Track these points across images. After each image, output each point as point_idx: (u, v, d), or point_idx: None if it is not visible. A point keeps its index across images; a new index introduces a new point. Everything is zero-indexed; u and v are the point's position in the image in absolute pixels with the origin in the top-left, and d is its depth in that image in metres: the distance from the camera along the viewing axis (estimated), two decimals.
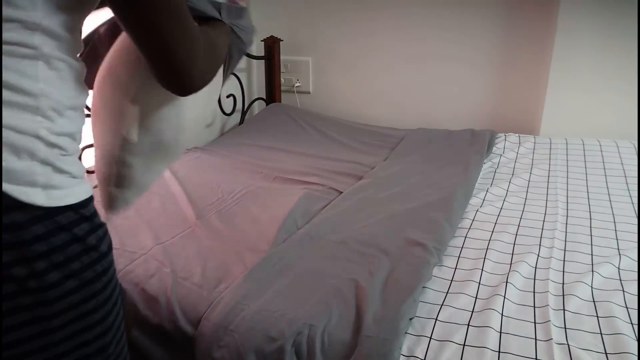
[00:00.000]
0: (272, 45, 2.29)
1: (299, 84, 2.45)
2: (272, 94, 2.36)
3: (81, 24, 0.61)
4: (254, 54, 2.34)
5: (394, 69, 2.30)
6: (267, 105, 2.38)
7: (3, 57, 0.50)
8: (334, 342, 0.84)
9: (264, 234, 1.21)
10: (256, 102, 2.44)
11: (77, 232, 0.56)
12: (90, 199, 0.59)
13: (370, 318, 0.86)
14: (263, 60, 2.33)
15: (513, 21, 2.08)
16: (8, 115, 0.50)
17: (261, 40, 2.32)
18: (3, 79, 0.50)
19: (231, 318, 0.90)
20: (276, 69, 2.33)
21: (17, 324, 0.53)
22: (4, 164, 0.50)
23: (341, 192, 1.46)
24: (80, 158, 0.66)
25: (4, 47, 0.50)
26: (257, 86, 2.51)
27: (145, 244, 1.18)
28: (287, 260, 1.08)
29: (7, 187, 0.50)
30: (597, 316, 0.90)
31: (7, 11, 0.49)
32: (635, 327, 0.86)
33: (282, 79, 2.42)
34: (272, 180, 1.56)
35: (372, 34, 2.28)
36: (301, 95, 2.48)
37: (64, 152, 0.56)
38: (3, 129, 0.50)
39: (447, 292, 0.98)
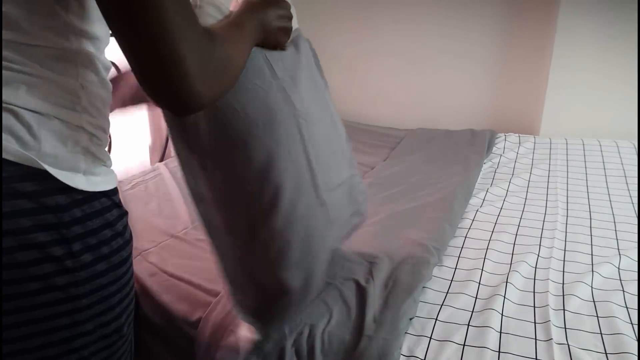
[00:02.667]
0: None
1: None
2: None
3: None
4: None
5: (394, 69, 2.30)
6: None
7: (47, 55, 0.55)
8: (334, 342, 0.83)
9: None
10: None
11: (109, 217, 0.61)
12: (117, 189, 0.64)
13: (370, 318, 0.86)
14: None
15: (513, 21, 2.08)
16: (55, 107, 0.56)
17: None
18: (50, 76, 0.55)
19: (231, 318, 0.90)
20: None
21: (50, 301, 0.56)
22: (53, 150, 0.55)
23: None
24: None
25: (47, 48, 0.55)
26: None
27: (143, 244, 1.18)
28: None
29: (54, 172, 0.54)
30: (597, 316, 0.90)
31: (46, 17, 0.54)
32: (635, 327, 0.86)
33: None
34: None
35: (372, 35, 2.28)
36: None
37: (100, 143, 0.62)
38: (53, 118, 0.55)
39: (447, 292, 0.98)
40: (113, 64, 0.84)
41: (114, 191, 0.63)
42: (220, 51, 0.55)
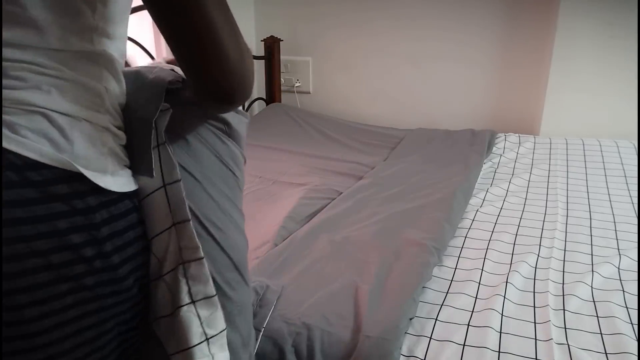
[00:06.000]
0: (272, 45, 2.29)
1: (299, 84, 2.45)
2: (272, 94, 2.36)
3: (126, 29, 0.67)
4: (254, 53, 2.34)
5: (394, 69, 2.30)
6: (267, 105, 2.38)
7: (74, 59, 0.57)
8: (334, 342, 0.83)
9: (264, 234, 1.21)
10: (256, 102, 2.44)
11: (131, 219, 0.61)
12: (137, 191, 0.64)
13: (370, 318, 0.86)
14: (263, 60, 2.33)
15: (513, 21, 2.08)
16: (84, 110, 0.57)
17: (261, 40, 2.32)
18: (77, 79, 0.57)
19: None
20: (276, 69, 2.33)
21: (79, 301, 0.56)
22: (85, 151, 0.56)
23: (341, 192, 1.46)
24: None
25: (74, 52, 0.57)
26: (257, 86, 2.51)
27: None
28: (286, 261, 1.08)
29: (87, 173, 0.54)
30: (597, 316, 0.90)
31: (74, 19, 0.56)
32: (635, 327, 0.86)
33: (282, 79, 2.42)
34: (271, 184, 1.56)
35: (372, 34, 2.28)
36: (301, 95, 2.48)
37: (121, 142, 0.63)
38: (82, 120, 0.57)
39: (447, 292, 0.98)
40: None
41: (135, 193, 0.63)
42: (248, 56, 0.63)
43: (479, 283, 1.00)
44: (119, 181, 0.59)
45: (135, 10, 1.24)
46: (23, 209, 0.50)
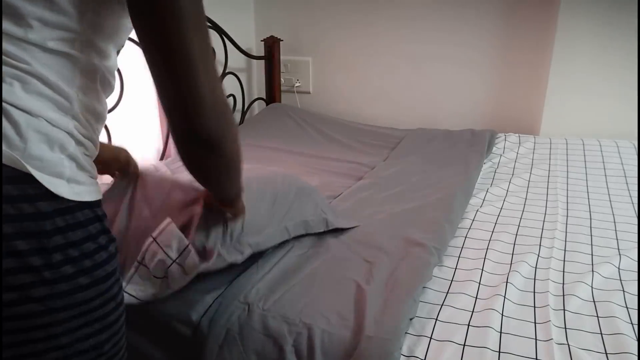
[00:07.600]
0: (272, 45, 2.29)
1: (299, 84, 2.46)
2: (272, 94, 2.36)
3: (123, 41, 0.65)
4: (254, 53, 2.35)
5: (394, 69, 2.31)
6: (267, 105, 2.38)
7: (47, 56, 0.54)
8: (334, 342, 0.83)
9: None
10: (256, 102, 2.44)
11: (92, 230, 0.58)
12: (100, 201, 0.62)
13: (371, 318, 0.86)
14: (263, 60, 2.33)
15: (513, 21, 2.08)
16: (46, 109, 0.54)
17: (261, 40, 2.32)
18: (46, 77, 0.54)
19: (231, 318, 0.90)
20: (276, 69, 2.33)
21: (26, 313, 0.54)
22: (39, 152, 0.52)
23: (341, 192, 1.46)
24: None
25: (50, 50, 0.54)
26: (257, 86, 2.51)
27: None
28: (286, 261, 1.07)
29: (38, 176, 0.52)
30: (597, 316, 0.90)
31: (57, 18, 0.54)
32: (635, 327, 0.86)
33: (282, 79, 2.42)
34: None
35: (372, 34, 2.28)
36: (301, 95, 2.48)
37: (87, 152, 0.60)
38: (42, 120, 0.53)
39: (447, 292, 0.98)
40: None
41: (97, 203, 0.60)
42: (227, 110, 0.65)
43: (479, 283, 1.00)
44: (76, 189, 0.56)
45: None
46: None
